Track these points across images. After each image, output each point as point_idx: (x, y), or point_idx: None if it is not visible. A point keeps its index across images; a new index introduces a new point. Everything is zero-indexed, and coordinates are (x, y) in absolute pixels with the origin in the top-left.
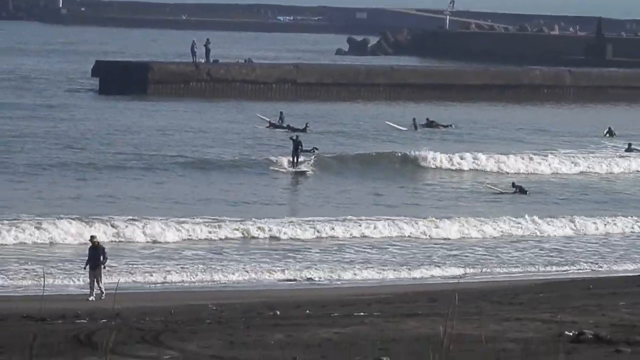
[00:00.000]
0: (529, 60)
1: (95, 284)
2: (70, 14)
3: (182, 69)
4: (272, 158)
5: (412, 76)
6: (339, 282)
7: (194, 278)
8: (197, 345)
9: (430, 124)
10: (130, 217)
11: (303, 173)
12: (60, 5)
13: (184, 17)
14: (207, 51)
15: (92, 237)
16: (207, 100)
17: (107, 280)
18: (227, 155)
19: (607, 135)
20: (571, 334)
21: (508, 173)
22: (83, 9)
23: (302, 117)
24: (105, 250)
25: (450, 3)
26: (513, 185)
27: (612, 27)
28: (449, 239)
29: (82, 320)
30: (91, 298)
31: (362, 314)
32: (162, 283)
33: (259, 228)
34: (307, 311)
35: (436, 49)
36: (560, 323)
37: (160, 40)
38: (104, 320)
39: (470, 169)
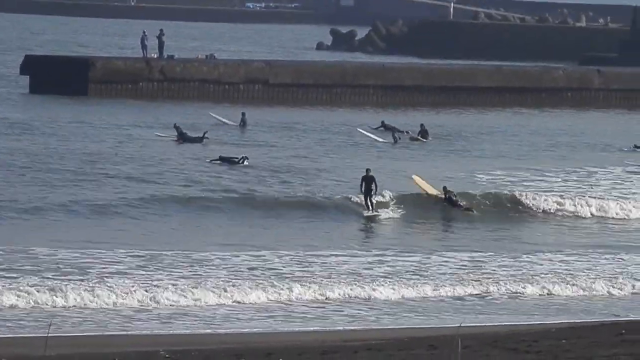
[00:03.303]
0: (550, 57)
1: None
2: None
3: (130, 65)
4: (352, 197)
5: (408, 76)
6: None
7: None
8: None
9: (424, 132)
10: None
11: (384, 218)
12: None
13: (132, 3)
14: (161, 44)
15: None
16: (160, 102)
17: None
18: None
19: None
20: None
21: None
22: None
23: (270, 124)
24: None
25: None
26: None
27: None
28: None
29: None
30: None
31: None
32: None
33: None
34: None
35: (438, 43)
36: None
37: (104, 31)
38: None
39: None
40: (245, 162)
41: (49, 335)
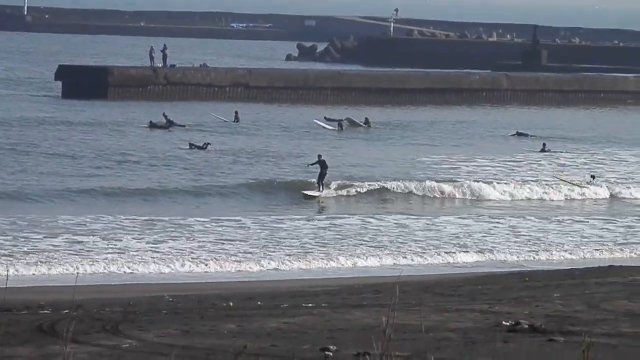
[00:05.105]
0: (468, 65)
1: None
2: (34, 22)
3: (140, 73)
4: (308, 179)
5: (358, 80)
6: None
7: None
8: (155, 334)
9: (367, 122)
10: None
11: (330, 196)
12: (25, 13)
13: (142, 24)
14: (165, 56)
15: None
16: (164, 102)
17: (67, 270)
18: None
19: (516, 135)
20: (508, 323)
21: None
22: (47, 16)
23: (254, 119)
24: None
25: (395, 11)
26: None
27: (547, 34)
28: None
29: (45, 311)
30: None
31: (310, 305)
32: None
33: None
34: (259, 302)
35: (381, 54)
36: (498, 314)
37: (120, 45)
38: (66, 311)
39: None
40: (209, 148)
41: (77, 285)
